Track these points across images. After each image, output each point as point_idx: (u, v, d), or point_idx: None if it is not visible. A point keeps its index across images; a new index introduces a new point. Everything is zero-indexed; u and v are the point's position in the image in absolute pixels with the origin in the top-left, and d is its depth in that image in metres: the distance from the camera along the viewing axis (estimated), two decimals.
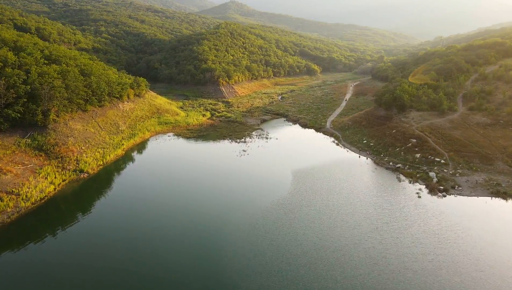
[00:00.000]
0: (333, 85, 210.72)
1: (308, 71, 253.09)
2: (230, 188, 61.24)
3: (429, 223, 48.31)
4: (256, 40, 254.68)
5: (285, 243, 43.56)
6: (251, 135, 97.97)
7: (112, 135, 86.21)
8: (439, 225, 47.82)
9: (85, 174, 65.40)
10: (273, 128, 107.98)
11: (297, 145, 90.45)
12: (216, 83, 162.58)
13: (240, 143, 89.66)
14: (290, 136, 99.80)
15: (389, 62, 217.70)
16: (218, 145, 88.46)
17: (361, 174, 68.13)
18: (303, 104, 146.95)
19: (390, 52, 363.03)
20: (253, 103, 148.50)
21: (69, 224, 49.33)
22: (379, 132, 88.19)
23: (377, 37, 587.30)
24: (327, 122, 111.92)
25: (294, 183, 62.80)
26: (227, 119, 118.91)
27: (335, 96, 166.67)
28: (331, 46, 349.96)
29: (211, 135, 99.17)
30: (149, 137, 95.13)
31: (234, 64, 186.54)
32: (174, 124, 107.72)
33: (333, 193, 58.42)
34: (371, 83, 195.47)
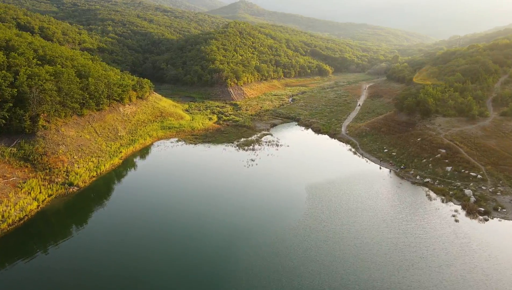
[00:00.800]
0: (346, 86, 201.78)
1: (319, 72, 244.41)
2: (235, 208, 53.59)
3: (475, 259, 40.08)
4: (266, 40, 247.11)
5: (304, 280, 35.90)
6: (260, 142, 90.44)
7: (109, 141, 79.60)
8: (488, 261, 39.61)
9: (74, 187, 58.67)
10: (284, 134, 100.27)
11: (311, 153, 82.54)
12: (224, 85, 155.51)
13: (248, 151, 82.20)
14: (303, 143, 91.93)
15: (405, 63, 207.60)
16: (224, 154, 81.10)
17: (385, 190, 60.00)
18: (315, 107, 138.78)
19: (404, 52, 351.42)
20: (262, 105, 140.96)
21: (49, 249, 42.55)
22: (402, 140, 79.73)
23: (390, 36, 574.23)
24: (342, 128, 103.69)
25: (309, 201, 55.05)
26: (234, 123, 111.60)
27: (349, 98, 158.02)
28: (343, 46, 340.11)
29: (217, 141, 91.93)
30: (150, 143, 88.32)
31: (243, 64, 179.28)
32: (178, 128, 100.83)
33: (354, 215, 50.52)
34: (387, 84, 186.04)
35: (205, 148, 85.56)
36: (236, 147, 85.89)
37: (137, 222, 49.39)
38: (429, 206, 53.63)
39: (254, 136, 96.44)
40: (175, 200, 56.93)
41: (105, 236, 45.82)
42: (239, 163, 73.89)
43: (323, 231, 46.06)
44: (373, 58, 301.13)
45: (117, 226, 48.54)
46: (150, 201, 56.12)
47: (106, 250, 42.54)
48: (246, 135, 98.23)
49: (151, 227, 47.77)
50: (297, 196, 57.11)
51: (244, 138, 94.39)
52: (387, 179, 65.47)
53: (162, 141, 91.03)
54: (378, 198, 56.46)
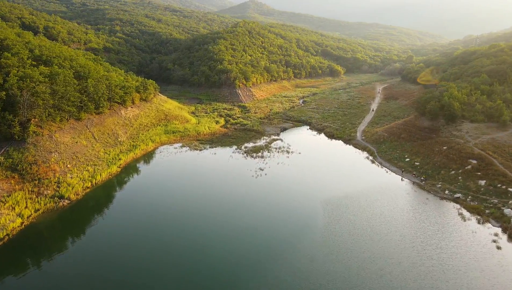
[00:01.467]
0: (359, 87, 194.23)
1: (331, 72, 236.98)
2: (242, 230, 47.28)
3: None
4: (275, 39, 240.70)
5: None
6: (270, 148, 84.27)
7: (108, 148, 74.33)
8: None
9: (65, 200, 53.31)
10: (295, 139, 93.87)
11: (325, 162, 76.02)
12: (232, 86, 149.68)
13: (257, 159, 76.10)
14: (316, 150, 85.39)
15: (421, 63, 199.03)
16: (230, 161, 75.14)
17: (411, 207, 53.29)
18: (327, 110, 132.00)
19: (418, 52, 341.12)
20: (272, 107, 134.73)
21: (28, 275, 37.07)
22: (425, 148, 72.69)
23: (402, 36, 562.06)
24: (357, 133, 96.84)
25: (324, 220, 48.70)
26: (242, 127, 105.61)
27: (363, 101, 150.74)
28: (354, 45, 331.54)
29: (224, 147, 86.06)
30: (152, 149, 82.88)
31: (252, 64, 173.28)
32: (182, 133, 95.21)
33: (378, 239, 43.99)
34: (402, 85, 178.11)
35: (210, 154, 79.75)
36: (244, 154, 79.88)
37: (131, 242, 43.71)
38: (464, 229, 46.78)
39: (263, 142, 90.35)
40: (174, 217, 51.07)
41: (95, 258, 40.29)
42: (246, 172, 67.82)
43: (344, 261, 39.63)
44: (386, 58, 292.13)
45: (109, 247, 42.92)
46: (146, 218, 50.40)
47: (94, 275, 36.92)
48: (255, 140, 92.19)
49: (145, 250, 41.99)
50: (311, 213, 50.80)
51: (253, 144, 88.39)
52: (411, 193, 58.66)
53: (165, 146, 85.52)
54: (403, 217, 49.80)
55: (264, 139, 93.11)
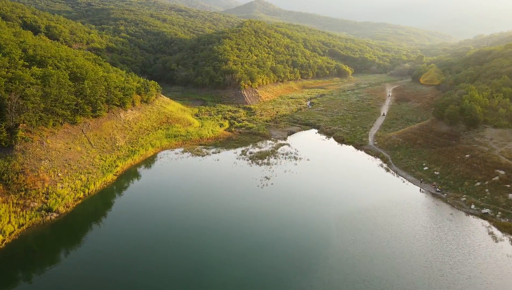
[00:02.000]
0: (368, 88, 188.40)
1: (338, 73, 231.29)
2: (244, 249, 42.26)
3: None
4: (282, 39, 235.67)
5: None
6: (276, 154, 79.30)
7: (104, 153, 69.89)
8: None
9: (53, 214, 48.85)
10: (303, 144, 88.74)
11: (336, 170, 70.82)
12: (237, 87, 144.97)
13: (263, 166, 71.17)
14: (325, 156, 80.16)
15: (432, 64, 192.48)
16: (234, 169, 70.29)
17: (435, 225, 47.94)
18: (336, 112, 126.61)
19: (428, 52, 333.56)
20: (278, 110, 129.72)
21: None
22: (445, 155, 67.15)
23: (411, 36, 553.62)
24: (369, 137, 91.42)
25: (338, 240, 43.60)
26: (248, 130, 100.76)
27: (373, 103, 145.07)
28: (362, 45, 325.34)
29: (228, 152, 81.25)
30: (152, 154, 78.33)
31: (258, 65, 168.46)
32: (184, 137, 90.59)
33: (400, 264, 38.79)
34: (413, 86, 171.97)
35: (213, 161, 74.96)
36: (249, 160, 74.98)
37: (124, 263, 39.08)
38: (497, 252, 41.37)
39: (269, 147, 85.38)
40: (172, 233, 46.36)
41: (81, 282, 35.65)
42: (251, 181, 62.93)
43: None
44: (395, 58, 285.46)
45: (98, 268, 38.29)
46: (141, 234, 45.71)
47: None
48: (261, 145, 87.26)
49: (141, 272, 37.27)
50: (323, 232, 45.77)
51: (258, 149, 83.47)
52: (433, 207, 53.28)
53: (166, 151, 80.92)
54: (427, 237, 44.50)
55: (270, 143, 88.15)
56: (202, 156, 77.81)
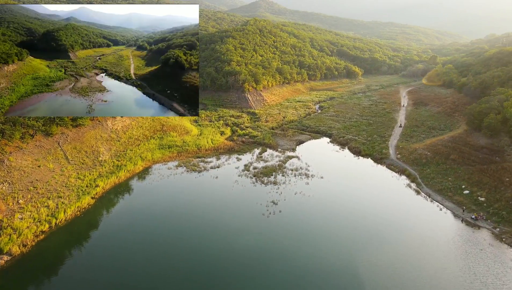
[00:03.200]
0: (380, 91, 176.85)
1: (347, 74, 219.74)
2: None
3: None
4: (288, 39, 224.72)
5: None
6: (284, 169, 68.60)
7: (83, 170, 59.57)
8: None
9: (4, 257, 38.51)
10: (314, 157, 77.89)
11: (355, 192, 59.86)
12: (241, 89, 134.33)
13: (269, 186, 60.47)
14: (341, 173, 69.19)
15: (450, 64, 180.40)
16: (235, 189, 59.70)
17: (498, 280, 36.72)
18: (349, 118, 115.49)
19: (439, 52, 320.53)
20: (285, 114, 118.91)
21: None
22: (489, 176, 55.92)
23: (419, 35, 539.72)
24: (389, 149, 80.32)
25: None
26: (251, 139, 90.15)
27: (388, 107, 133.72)
28: (371, 45, 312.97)
29: (228, 167, 70.69)
30: (141, 169, 67.98)
31: (263, 65, 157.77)
32: (180, 148, 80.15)
33: None
34: (429, 89, 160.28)
35: (211, 178, 64.40)
36: (253, 177, 64.33)
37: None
38: None
39: (276, 160, 74.71)
40: (157, 278, 35.76)
41: None
42: (255, 208, 52.26)
43: None
44: (406, 59, 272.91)
45: None
46: (120, 281, 35.22)
47: None
48: (266, 157, 76.61)
49: None
50: (347, 286, 34.84)
51: (264, 163, 72.83)
52: (487, 249, 42.12)
53: (158, 166, 70.56)
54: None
55: (277, 156, 77.45)
56: (198, 172, 67.29)
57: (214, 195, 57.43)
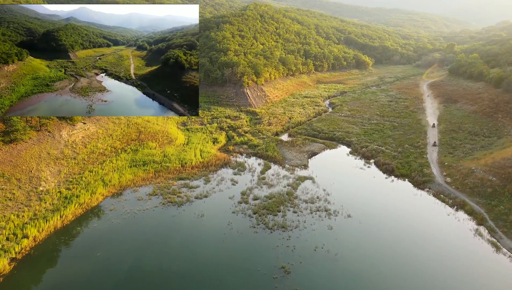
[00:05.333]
0: (397, 84, 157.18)
1: (357, 64, 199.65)
2: None
3: None
4: (292, 25, 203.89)
5: None
6: (296, 200, 50.34)
7: (8, 211, 41.14)
8: None
9: None
10: (333, 177, 59.44)
11: (400, 244, 41.53)
12: (239, 84, 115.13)
13: (275, 232, 42.22)
14: (374, 207, 50.60)
15: (475, 54, 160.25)
16: (228, 238, 41.60)
17: None
18: (367, 119, 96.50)
19: (452, 40, 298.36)
20: (291, 114, 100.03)
21: None
22: None
23: (427, 22, 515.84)
24: (431, 166, 61.69)
25: None
26: (252, 150, 71.78)
27: (409, 104, 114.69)
28: (380, 32, 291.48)
29: (219, 196, 52.33)
30: (101, 200, 49.61)
31: (264, 55, 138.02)
32: (159, 165, 61.57)
33: None
34: (454, 82, 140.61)
35: (194, 217, 46.12)
36: (252, 216, 46.09)
37: None
38: None
39: (283, 182, 56.38)
40: None
41: None
42: (255, 277, 34.10)
43: None
44: (419, 47, 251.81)
45: None
46: None
47: None
48: (270, 177, 58.28)
49: None
50: None
51: (267, 188, 54.57)
52: None
53: (126, 193, 52.26)
54: None
55: (284, 176, 59.00)
56: (178, 206, 48.96)
57: (195, 253, 38.98)
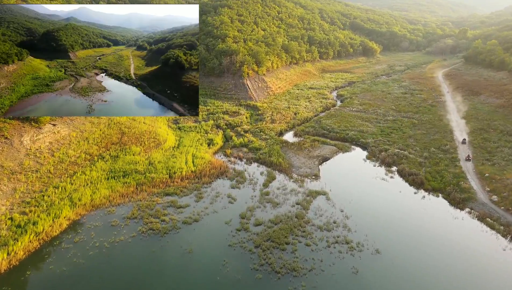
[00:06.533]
0: (408, 73, 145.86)
1: (364, 51, 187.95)
2: None
3: None
4: (295, 9, 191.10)
5: None
6: (307, 226, 40.49)
7: None
8: None
9: None
10: (351, 191, 49.51)
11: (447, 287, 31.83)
12: (238, 74, 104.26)
13: (285, 279, 32.43)
14: (404, 234, 40.70)
15: (493, 40, 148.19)
16: (222, 287, 31.69)
17: None
18: (382, 115, 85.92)
19: (461, 24, 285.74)
20: (297, 109, 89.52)
21: None
22: None
23: (434, 7, 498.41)
24: (468, 177, 51.59)
25: None
26: (253, 154, 61.80)
27: (426, 96, 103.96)
28: (387, 17, 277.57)
29: (213, 219, 42.46)
30: (64, 227, 39.69)
31: (266, 42, 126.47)
32: (142, 175, 51.45)
33: None
34: (473, 71, 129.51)
35: (180, 254, 36.24)
36: (254, 250, 36.25)
37: None
38: None
39: (291, 199, 46.51)
40: None
41: None
42: None
43: None
44: (429, 33, 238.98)
45: None
46: None
47: None
48: (275, 192, 48.34)
49: None
50: None
51: (271, 206, 44.79)
52: None
53: (97, 215, 42.32)
54: None
55: (292, 190, 49.00)
56: (161, 235, 39.00)
57: None
